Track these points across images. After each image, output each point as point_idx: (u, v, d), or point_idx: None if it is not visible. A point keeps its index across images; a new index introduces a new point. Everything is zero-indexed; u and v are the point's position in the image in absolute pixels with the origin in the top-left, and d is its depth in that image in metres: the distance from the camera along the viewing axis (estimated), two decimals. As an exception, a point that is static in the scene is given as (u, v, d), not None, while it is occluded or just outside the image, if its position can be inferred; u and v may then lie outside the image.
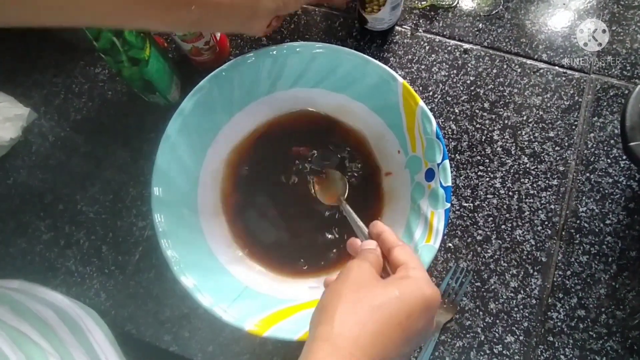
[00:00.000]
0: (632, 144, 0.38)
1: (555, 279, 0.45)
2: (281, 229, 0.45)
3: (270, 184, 0.46)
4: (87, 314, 0.37)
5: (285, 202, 0.46)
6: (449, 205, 0.37)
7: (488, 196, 0.47)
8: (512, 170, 0.48)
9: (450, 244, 0.46)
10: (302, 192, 0.45)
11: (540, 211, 0.46)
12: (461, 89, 0.50)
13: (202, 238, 0.42)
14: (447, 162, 0.38)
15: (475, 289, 0.45)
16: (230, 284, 0.41)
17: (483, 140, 0.48)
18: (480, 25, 0.52)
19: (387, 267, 0.30)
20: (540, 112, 0.49)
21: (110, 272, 0.47)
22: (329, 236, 0.44)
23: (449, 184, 0.38)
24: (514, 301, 0.45)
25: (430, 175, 0.40)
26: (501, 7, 0.52)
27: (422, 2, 0.53)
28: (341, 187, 0.44)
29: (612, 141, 0.48)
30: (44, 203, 0.49)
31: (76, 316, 0.36)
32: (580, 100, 0.49)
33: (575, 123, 0.48)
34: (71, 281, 0.47)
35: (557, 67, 0.50)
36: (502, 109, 0.49)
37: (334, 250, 0.44)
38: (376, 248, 0.31)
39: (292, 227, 0.45)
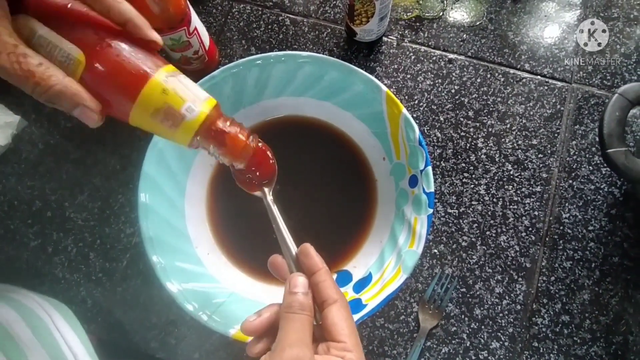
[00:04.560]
0: (610, 150, 0.39)
1: (539, 285, 0.45)
2: (265, 236, 0.45)
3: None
4: (57, 312, 0.37)
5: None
6: (431, 211, 0.38)
7: (473, 203, 0.48)
8: (496, 177, 0.48)
9: (435, 250, 0.47)
10: (286, 199, 0.45)
11: (524, 217, 0.47)
12: (446, 97, 0.51)
13: (189, 244, 0.42)
14: (429, 168, 0.39)
15: (460, 295, 0.45)
16: (217, 290, 0.41)
17: (467, 147, 0.49)
18: (465, 35, 0.53)
19: (315, 320, 0.27)
20: (524, 121, 0.50)
21: (97, 279, 0.47)
22: (313, 244, 0.45)
23: (432, 190, 0.38)
24: (499, 307, 0.45)
25: (413, 181, 0.40)
26: (485, 18, 0.54)
27: (408, 14, 0.54)
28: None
29: (593, 149, 0.49)
30: (32, 210, 0.49)
31: (44, 314, 0.35)
32: (562, 108, 0.50)
33: (558, 131, 0.49)
34: (58, 288, 0.47)
35: (539, 77, 0.51)
36: (486, 117, 0.50)
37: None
38: (308, 293, 0.27)
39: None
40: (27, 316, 0.34)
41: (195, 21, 0.44)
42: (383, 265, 0.40)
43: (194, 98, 0.25)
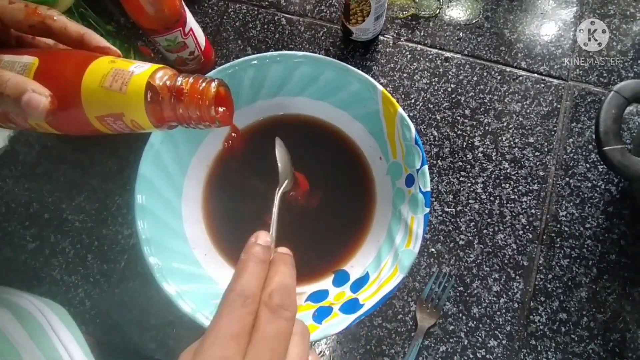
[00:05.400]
0: (606, 148, 0.39)
1: (536, 283, 0.45)
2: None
3: (252, 191, 0.46)
4: (53, 313, 0.37)
5: (265, 209, 0.46)
6: (428, 210, 0.38)
7: (470, 201, 0.48)
8: (493, 176, 0.48)
9: (432, 249, 0.47)
10: (283, 201, 0.45)
11: (521, 216, 0.47)
12: (442, 96, 0.51)
13: (186, 245, 0.42)
14: (425, 167, 0.39)
15: (458, 294, 0.45)
16: (214, 290, 0.41)
17: (464, 146, 0.49)
18: (461, 34, 0.53)
19: None
20: (520, 119, 0.50)
21: (95, 280, 0.47)
22: (310, 244, 0.45)
23: (428, 189, 0.38)
24: (497, 305, 0.45)
25: (410, 180, 0.40)
26: (481, 16, 0.54)
27: (404, 12, 0.54)
28: (284, 178, 0.38)
29: (590, 146, 0.49)
30: (30, 212, 0.49)
31: (40, 316, 0.36)
32: (558, 106, 0.50)
33: (555, 129, 0.49)
34: (56, 290, 0.47)
35: (535, 75, 0.51)
36: (482, 116, 0.50)
37: (315, 259, 0.44)
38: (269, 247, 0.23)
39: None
40: (22, 317, 0.34)
41: (191, 22, 0.44)
42: (380, 264, 0.40)
43: (143, 64, 0.24)
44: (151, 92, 0.23)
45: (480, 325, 0.45)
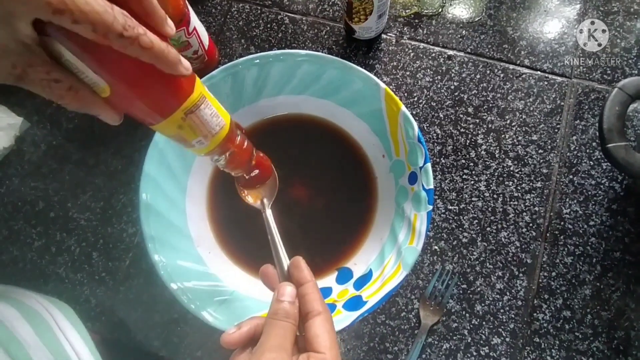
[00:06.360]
0: (610, 145, 0.39)
1: (540, 281, 0.45)
2: (266, 235, 0.45)
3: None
4: (59, 311, 0.37)
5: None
6: (431, 207, 0.38)
7: (473, 199, 0.48)
8: (496, 173, 0.48)
9: (436, 247, 0.47)
10: (287, 198, 0.46)
11: (524, 213, 0.47)
12: (445, 94, 0.51)
13: (190, 243, 0.42)
14: (429, 165, 0.39)
15: (461, 291, 0.45)
16: (218, 288, 0.41)
17: (467, 144, 0.49)
18: (464, 32, 0.53)
19: (298, 330, 0.27)
20: (523, 116, 0.50)
21: (100, 278, 0.48)
22: (314, 242, 0.45)
23: (431, 186, 0.38)
24: (500, 303, 0.45)
25: (413, 178, 0.40)
26: (484, 14, 0.54)
27: (407, 10, 0.54)
28: (269, 187, 0.38)
29: (594, 143, 0.49)
30: (36, 211, 0.50)
31: (46, 314, 0.36)
32: (562, 103, 0.50)
33: (558, 126, 0.49)
34: (62, 287, 0.47)
35: (539, 72, 0.51)
36: (485, 114, 0.50)
37: (319, 257, 0.44)
38: (294, 302, 0.28)
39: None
40: (29, 316, 0.35)
41: (195, 21, 0.45)
42: (383, 262, 0.40)
43: (207, 133, 0.28)
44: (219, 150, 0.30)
45: (484, 323, 0.45)
